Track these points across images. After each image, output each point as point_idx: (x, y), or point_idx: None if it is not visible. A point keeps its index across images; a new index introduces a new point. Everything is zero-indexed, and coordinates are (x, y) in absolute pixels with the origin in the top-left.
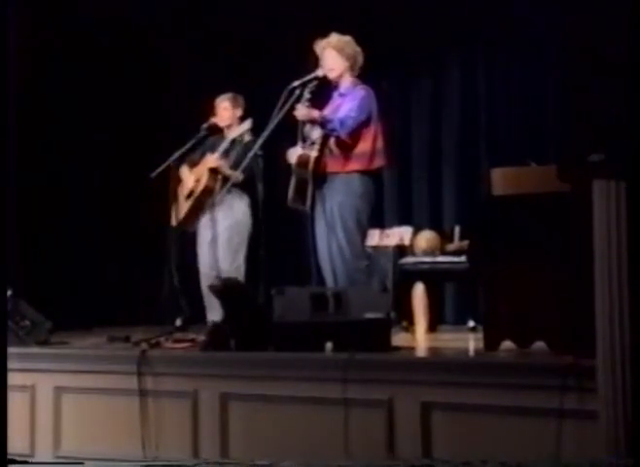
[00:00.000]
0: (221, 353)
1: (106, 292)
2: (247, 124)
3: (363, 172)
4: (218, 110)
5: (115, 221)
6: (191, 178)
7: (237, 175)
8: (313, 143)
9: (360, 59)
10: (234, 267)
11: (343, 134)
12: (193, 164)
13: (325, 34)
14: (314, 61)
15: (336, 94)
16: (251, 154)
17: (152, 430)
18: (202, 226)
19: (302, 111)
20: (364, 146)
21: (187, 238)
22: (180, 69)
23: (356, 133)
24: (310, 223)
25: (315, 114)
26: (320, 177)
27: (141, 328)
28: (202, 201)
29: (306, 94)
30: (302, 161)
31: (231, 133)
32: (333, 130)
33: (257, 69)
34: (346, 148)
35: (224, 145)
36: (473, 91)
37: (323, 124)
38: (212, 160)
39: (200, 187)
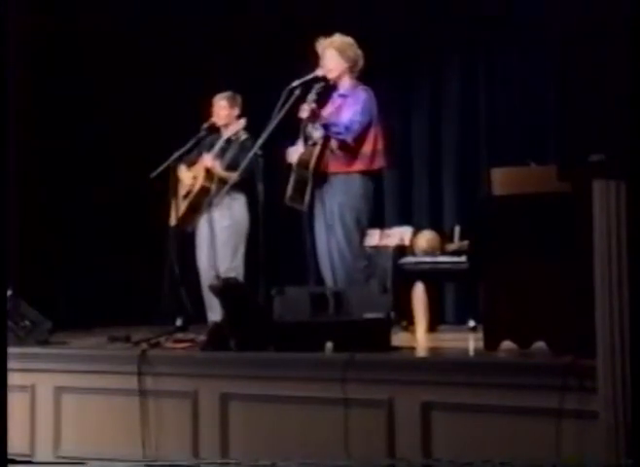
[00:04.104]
0: (221, 353)
1: (106, 292)
2: (241, 123)
3: (363, 173)
4: (215, 109)
5: (115, 221)
6: (188, 177)
7: (233, 176)
8: (315, 143)
9: (360, 63)
10: (233, 267)
11: (349, 139)
12: (190, 164)
13: (326, 34)
14: (314, 61)
15: (335, 95)
16: (251, 154)
17: (152, 430)
18: (200, 226)
19: (307, 111)
20: (365, 147)
21: (187, 238)
22: (180, 69)
23: (360, 136)
24: (308, 222)
25: (322, 117)
26: (320, 177)
27: (141, 328)
28: (199, 201)
29: (313, 95)
30: (303, 161)
31: (227, 132)
32: (338, 134)
33: (257, 69)
34: (350, 150)
35: (219, 144)
36: (473, 92)
37: (327, 127)
38: (207, 160)
39: (197, 187)
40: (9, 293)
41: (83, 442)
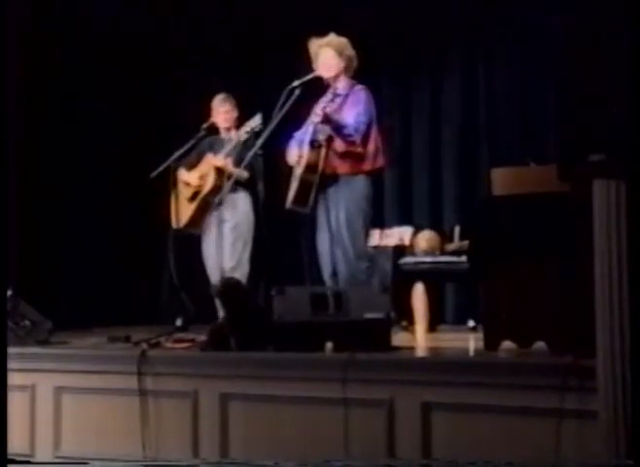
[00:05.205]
0: (221, 353)
1: (106, 292)
2: (258, 118)
3: (367, 173)
4: (218, 113)
5: (115, 221)
6: (194, 179)
7: (243, 173)
8: (320, 145)
9: (355, 62)
10: (239, 265)
11: (358, 140)
12: (190, 166)
13: (324, 33)
14: (309, 61)
15: (332, 95)
16: (251, 153)
17: (152, 430)
18: (209, 225)
19: (320, 116)
20: (369, 147)
21: (189, 238)
22: (180, 69)
23: (364, 136)
24: (310, 223)
25: (333, 120)
26: (325, 179)
27: (141, 328)
28: (209, 201)
29: (328, 98)
30: (311, 164)
31: (243, 128)
32: (349, 136)
33: (257, 69)
34: (356, 151)
35: (230, 143)
36: (473, 91)
37: (338, 129)
38: (218, 159)
39: (208, 186)
40: (9, 293)
41: (83, 442)
